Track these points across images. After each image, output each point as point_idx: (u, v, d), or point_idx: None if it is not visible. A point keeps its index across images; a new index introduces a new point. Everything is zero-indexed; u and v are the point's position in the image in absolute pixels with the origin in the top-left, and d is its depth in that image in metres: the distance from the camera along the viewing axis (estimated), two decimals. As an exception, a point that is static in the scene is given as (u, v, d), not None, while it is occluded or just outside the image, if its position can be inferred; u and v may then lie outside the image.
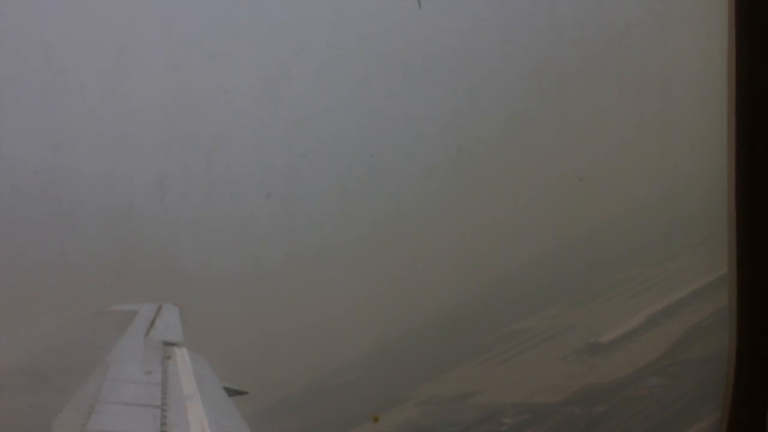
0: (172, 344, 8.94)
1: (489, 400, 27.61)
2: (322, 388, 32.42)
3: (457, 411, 27.67)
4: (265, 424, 29.90)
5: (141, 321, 10.74)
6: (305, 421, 29.50)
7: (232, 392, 8.63)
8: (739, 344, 2.86)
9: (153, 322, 10.73)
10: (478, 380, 29.78)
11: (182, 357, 8.33)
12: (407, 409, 29.18)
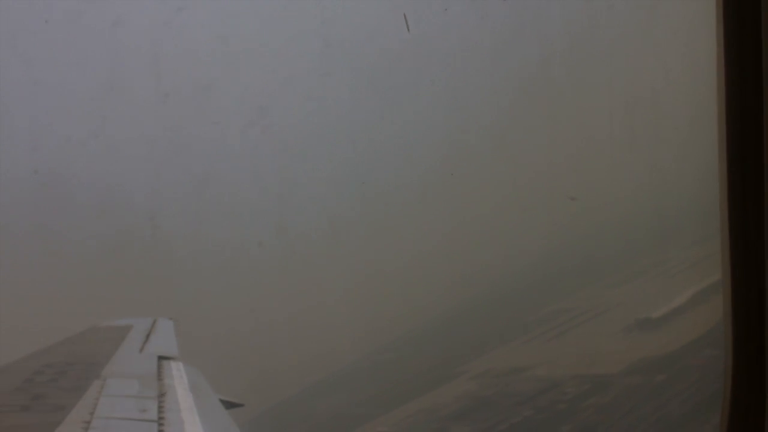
0: (168, 358, 8.92)
1: (545, 373, 28.09)
2: (367, 365, 32.73)
3: (516, 383, 28.13)
4: (314, 399, 30.09)
5: (136, 335, 10.71)
6: (354, 396, 29.73)
7: (228, 405, 8.61)
8: (735, 353, 2.90)
9: (148, 336, 10.70)
10: (528, 356, 30.29)
11: (178, 371, 8.31)
12: (463, 383, 29.61)
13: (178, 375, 8.15)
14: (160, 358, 8.92)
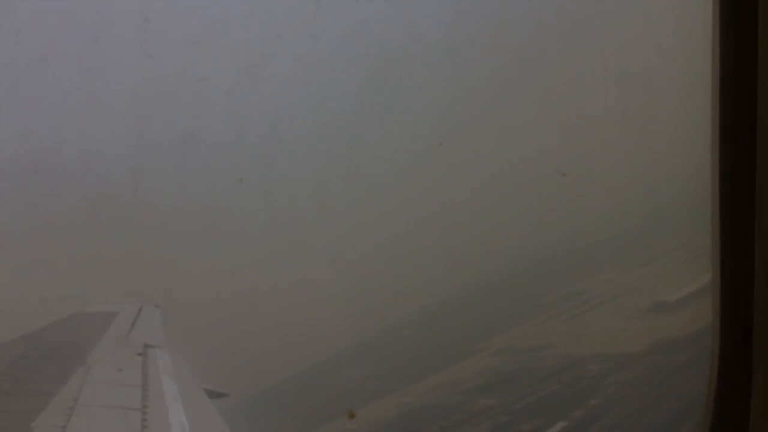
0: (153, 346, 8.87)
1: (566, 351, 28.38)
2: (382, 340, 32.93)
3: (537, 360, 28.43)
4: (330, 373, 30.35)
5: (121, 323, 10.66)
6: (376, 369, 29.94)
7: (213, 394, 8.56)
8: (722, 348, 2.82)
9: (133, 323, 10.65)
10: (547, 335, 30.56)
11: (163, 359, 8.27)
12: (483, 359, 29.87)
13: (162, 363, 8.10)
14: (146, 346, 8.87)
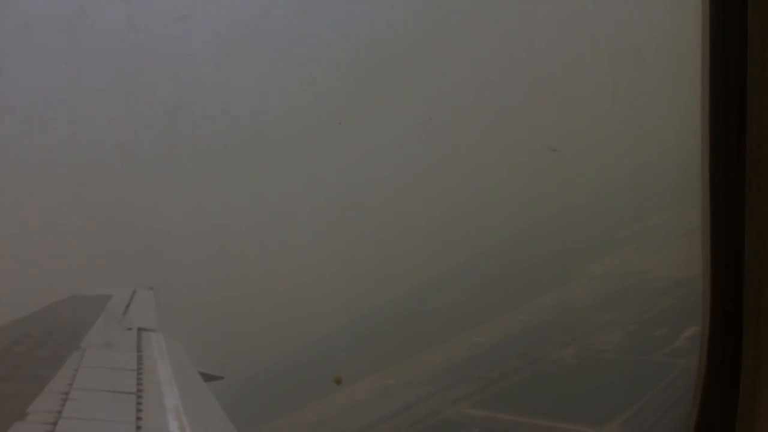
0: (147, 330, 8.86)
1: (668, 274, 28.54)
2: (465, 272, 32.91)
3: (642, 282, 28.70)
4: (424, 297, 30.50)
5: (115, 306, 10.63)
6: (453, 300, 29.98)
7: (207, 377, 8.56)
8: (713, 324, 2.82)
9: (127, 307, 10.62)
10: (639, 263, 30.76)
11: (157, 343, 8.25)
12: (585, 283, 30.12)
13: (157, 347, 8.09)
14: (140, 329, 8.85)
